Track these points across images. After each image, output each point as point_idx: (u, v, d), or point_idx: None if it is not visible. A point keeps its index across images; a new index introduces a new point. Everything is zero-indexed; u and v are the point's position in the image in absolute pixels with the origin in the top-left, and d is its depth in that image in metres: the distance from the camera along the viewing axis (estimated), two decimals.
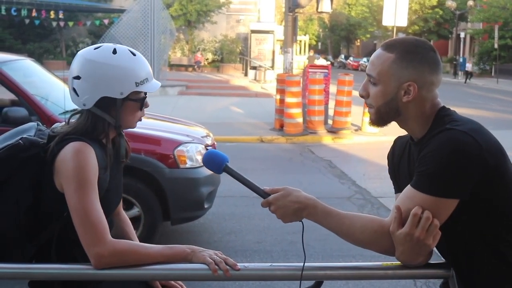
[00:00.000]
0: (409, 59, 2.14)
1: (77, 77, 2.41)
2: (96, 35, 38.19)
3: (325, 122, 15.93)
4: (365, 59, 62.33)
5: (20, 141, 2.38)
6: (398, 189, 2.37)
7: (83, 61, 2.42)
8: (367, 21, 65.94)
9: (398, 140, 2.40)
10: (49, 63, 42.75)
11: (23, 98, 6.37)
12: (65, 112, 6.33)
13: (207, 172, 6.34)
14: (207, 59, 43.33)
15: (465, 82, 42.24)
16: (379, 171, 10.65)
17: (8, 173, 2.36)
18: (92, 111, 2.43)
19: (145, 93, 2.51)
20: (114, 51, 2.43)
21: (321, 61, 41.67)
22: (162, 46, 27.68)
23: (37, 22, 38.99)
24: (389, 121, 2.22)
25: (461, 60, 48.51)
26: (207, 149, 6.66)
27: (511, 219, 2.10)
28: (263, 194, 2.21)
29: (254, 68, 36.02)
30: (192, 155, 6.42)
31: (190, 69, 42.32)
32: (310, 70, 16.45)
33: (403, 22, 23.84)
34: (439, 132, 2.06)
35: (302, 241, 2.27)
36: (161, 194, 6.21)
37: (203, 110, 19.37)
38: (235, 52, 43.23)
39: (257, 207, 8.35)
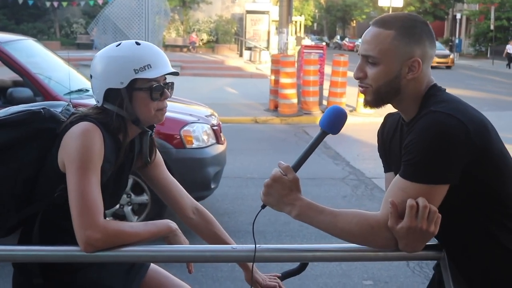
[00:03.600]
0: (411, 34, 2.07)
1: (91, 77, 2.44)
2: (90, 16, 37.92)
3: (320, 103, 15.89)
4: (360, 40, 62.09)
5: (41, 110, 2.36)
6: (388, 168, 2.33)
7: (94, 59, 2.44)
8: (363, 2, 65.83)
9: (389, 117, 2.36)
10: (43, 43, 42.53)
11: (27, 78, 6.29)
12: (70, 93, 6.31)
13: (213, 152, 6.38)
14: (202, 39, 43.12)
15: (509, 67, 38.33)
16: (373, 152, 10.58)
17: (18, 138, 2.32)
18: (105, 106, 2.40)
19: (162, 82, 2.42)
20: (119, 45, 2.42)
21: (306, 41, 41.65)
22: (157, 26, 27.50)
23: (30, 2, 38.70)
24: (387, 102, 2.15)
25: (457, 41, 48.39)
26: (213, 129, 6.65)
27: (502, 198, 2.08)
28: (279, 165, 2.13)
29: (249, 48, 35.88)
30: (199, 135, 6.40)
31: (185, 49, 42.12)
32: (305, 50, 16.39)
33: (399, 2, 23.80)
34: (423, 115, 2.01)
35: (253, 225, 2.21)
36: None
37: (198, 90, 19.30)
38: (230, 33, 43.01)
39: (250, 188, 8.39)
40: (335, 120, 2.13)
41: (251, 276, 2.50)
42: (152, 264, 2.72)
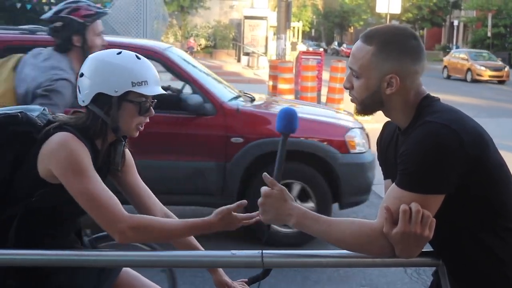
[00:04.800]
0: (389, 50, 2.07)
1: (81, 75, 2.45)
2: None
3: None
4: None
5: (18, 113, 2.38)
6: (386, 175, 2.34)
7: (89, 60, 2.47)
8: (361, 8, 65.97)
9: (387, 125, 2.37)
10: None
11: (195, 85, 6.25)
12: (234, 98, 6.47)
13: (370, 157, 6.45)
14: (200, 44, 43.13)
15: None
16: None
17: None
18: (90, 108, 2.42)
19: (150, 100, 2.47)
20: (119, 53, 2.46)
21: (300, 47, 41.73)
22: (155, 31, 27.46)
23: (28, 6, 38.73)
24: (374, 111, 2.20)
25: (454, 48, 48.48)
26: (367, 135, 6.76)
27: (497, 208, 2.08)
28: (264, 179, 2.13)
29: (247, 54, 35.92)
30: (359, 140, 6.46)
31: None
32: (302, 56, 16.41)
33: (396, 9, 23.82)
34: (418, 126, 2.03)
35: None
36: (332, 179, 6.23)
37: None
38: (228, 38, 43.03)
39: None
40: (288, 120, 2.18)
41: (218, 280, 2.62)
42: (126, 269, 2.74)
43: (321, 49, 33.87)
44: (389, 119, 2.32)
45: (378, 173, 2.42)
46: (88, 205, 2.27)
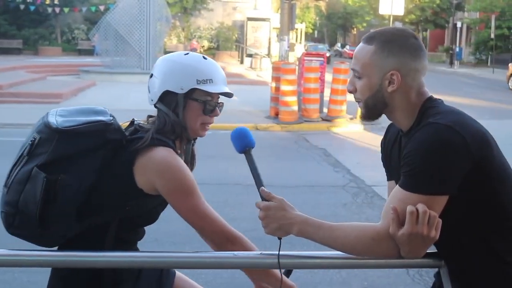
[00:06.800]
0: (389, 48, 2.12)
1: (151, 75, 2.53)
2: (92, 22, 38.03)
3: (320, 111, 15.91)
4: None
5: (112, 121, 2.40)
6: (390, 176, 2.35)
7: (159, 61, 2.56)
8: (364, 10, 65.88)
9: (391, 127, 2.38)
10: (44, 49, 42.63)
11: None
12: None
13: None
14: (203, 46, 43.21)
15: None
16: (373, 159, 10.59)
17: (88, 147, 2.34)
18: (158, 106, 2.49)
19: (216, 101, 2.52)
20: (187, 54, 2.55)
21: (298, 47, 41.74)
22: (158, 33, 27.58)
23: (32, 7, 38.82)
24: (379, 114, 2.21)
25: (457, 49, 48.46)
26: None
27: (500, 210, 2.09)
28: (261, 193, 2.17)
29: (250, 55, 36.00)
30: None
31: None
32: (305, 58, 16.41)
33: (400, 10, 23.82)
34: (422, 127, 2.04)
35: (278, 257, 2.19)
36: None
37: None
38: (231, 40, 43.12)
39: (251, 195, 8.33)
40: (239, 138, 2.29)
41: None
42: (176, 272, 2.77)
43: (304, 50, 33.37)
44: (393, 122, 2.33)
45: (380, 174, 2.41)
46: (198, 220, 2.38)
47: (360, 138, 13.70)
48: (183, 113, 2.46)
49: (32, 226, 2.31)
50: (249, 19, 38.48)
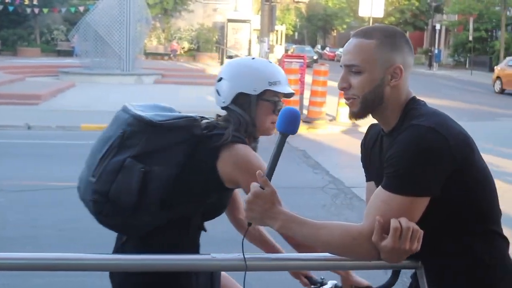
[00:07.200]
0: (390, 42, 2.12)
1: (220, 79, 2.65)
2: (71, 22, 37.75)
3: (300, 112, 15.91)
4: (341, 49, 62.12)
5: (198, 117, 2.55)
6: (369, 177, 2.36)
7: (227, 65, 2.70)
8: (344, 12, 66.22)
9: (371, 128, 2.39)
10: (23, 50, 42.28)
11: None
12: None
13: None
14: (183, 48, 43.14)
15: None
16: (353, 161, 10.67)
17: (176, 141, 2.46)
18: (231, 107, 2.60)
19: (280, 100, 2.63)
20: (253, 59, 2.72)
21: (278, 48, 41.76)
22: (138, 34, 27.47)
23: (11, 8, 38.46)
24: (372, 111, 2.18)
25: (436, 51, 48.82)
26: None
27: (480, 210, 2.11)
28: (257, 176, 2.10)
29: (230, 57, 35.90)
30: None
31: (166, 57, 42.09)
32: (285, 60, 16.44)
33: (379, 13, 23.94)
34: (405, 129, 2.04)
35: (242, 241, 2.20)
36: None
37: (179, 99, 19.26)
38: (212, 41, 43.07)
39: (242, 195, 8.31)
40: (290, 121, 2.15)
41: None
42: (222, 272, 2.84)
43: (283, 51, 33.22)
44: (373, 123, 2.34)
45: (359, 176, 2.43)
46: None
47: (339, 139, 13.76)
48: (255, 113, 2.59)
49: (123, 216, 2.41)
50: (230, 20, 38.51)
